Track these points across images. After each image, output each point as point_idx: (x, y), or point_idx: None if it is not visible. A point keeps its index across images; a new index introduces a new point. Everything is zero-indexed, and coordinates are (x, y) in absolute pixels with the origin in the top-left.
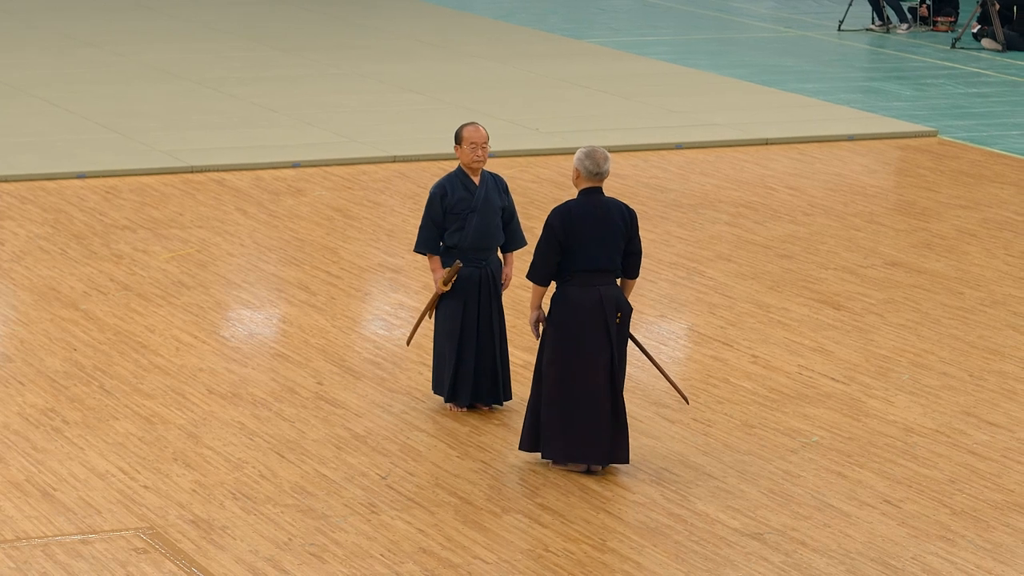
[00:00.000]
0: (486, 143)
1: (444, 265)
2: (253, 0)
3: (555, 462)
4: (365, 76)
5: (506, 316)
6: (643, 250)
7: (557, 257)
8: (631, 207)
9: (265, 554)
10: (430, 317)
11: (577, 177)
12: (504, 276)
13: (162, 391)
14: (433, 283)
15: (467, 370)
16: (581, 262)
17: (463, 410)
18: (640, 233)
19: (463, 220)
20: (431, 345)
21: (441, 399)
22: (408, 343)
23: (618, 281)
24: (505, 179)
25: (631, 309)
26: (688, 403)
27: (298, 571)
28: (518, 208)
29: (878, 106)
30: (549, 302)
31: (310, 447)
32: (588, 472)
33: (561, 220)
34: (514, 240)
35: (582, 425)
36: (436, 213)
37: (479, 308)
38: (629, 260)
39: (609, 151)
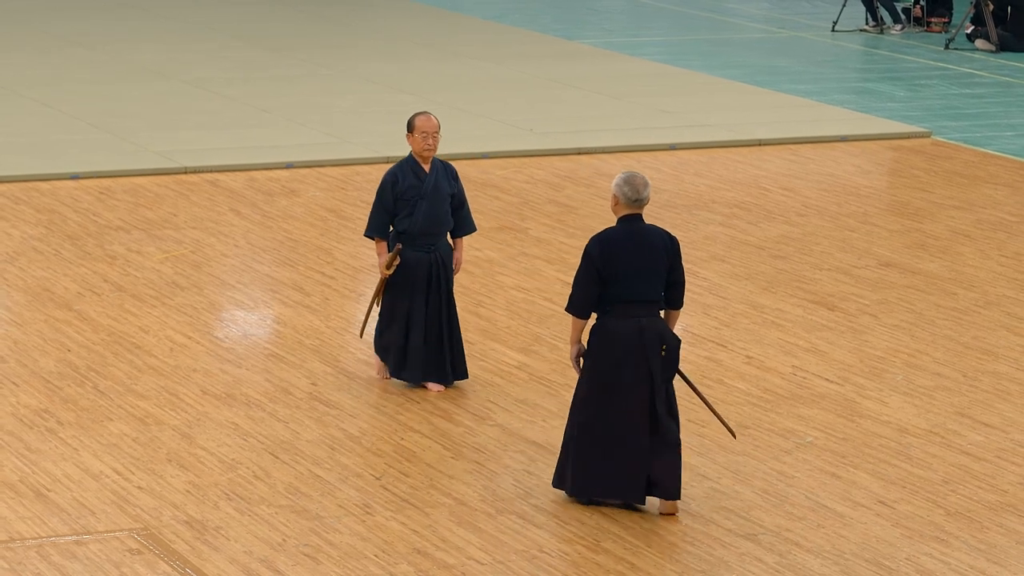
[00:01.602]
0: (437, 132)
1: (391, 249)
2: (246, 0)
3: (587, 498)
4: (358, 77)
5: (456, 300)
6: None
7: (597, 288)
8: (673, 235)
9: (259, 555)
10: (378, 304)
11: (616, 204)
12: (455, 261)
13: (156, 392)
14: (378, 267)
15: (416, 350)
16: (621, 293)
17: (388, 376)
18: None
19: (413, 206)
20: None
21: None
22: (361, 335)
23: (661, 313)
24: (499, 177)
25: (679, 341)
26: (735, 437)
27: (292, 572)
28: (515, 208)
29: (872, 107)
30: (589, 333)
31: (304, 448)
32: (627, 507)
33: (600, 248)
34: (464, 226)
35: (617, 461)
36: (387, 199)
37: (428, 291)
38: (672, 291)
39: (602, 152)
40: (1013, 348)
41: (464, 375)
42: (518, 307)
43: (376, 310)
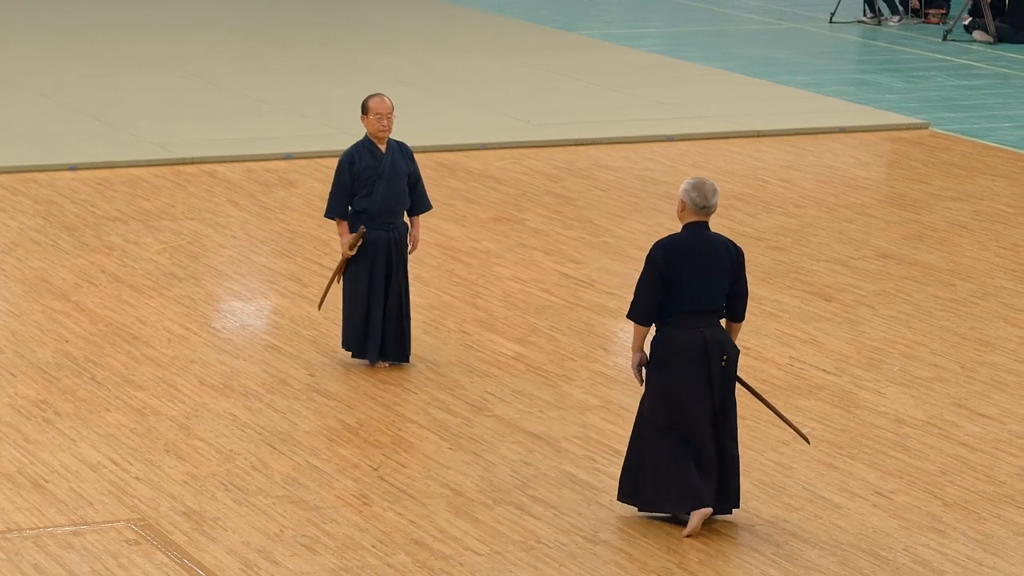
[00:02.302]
0: (391, 113)
1: (351, 230)
2: None
3: (657, 512)
4: (356, 68)
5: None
6: (640, 243)
7: (660, 294)
8: (738, 245)
9: (257, 545)
10: (338, 281)
11: (682, 210)
12: (411, 239)
13: (154, 382)
14: (340, 247)
15: (376, 328)
16: (684, 302)
17: (377, 365)
18: (640, 227)
19: (371, 186)
20: (422, 336)
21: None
22: (320, 307)
23: (722, 323)
24: (497, 168)
25: (738, 352)
26: (809, 443)
27: (290, 562)
28: (513, 200)
29: (870, 98)
30: (650, 344)
31: (302, 438)
32: (675, 520)
33: (664, 253)
34: (420, 204)
35: (684, 474)
36: (345, 180)
37: (387, 269)
38: (734, 302)
39: (600, 143)
40: (1011, 339)
41: (406, 358)
42: (515, 298)
43: (336, 286)
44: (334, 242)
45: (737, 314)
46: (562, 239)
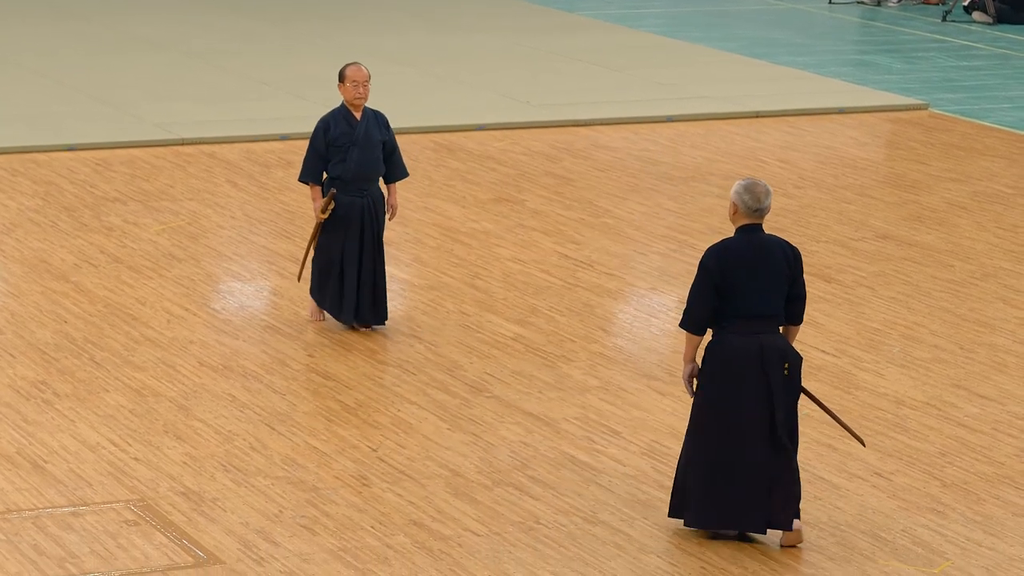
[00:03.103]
0: (367, 81)
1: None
2: None
3: (706, 528)
4: (354, 48)
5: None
6: (638, 223)
7: (713, 302)
8: (795, 246)
9: (256, 526)
10: (314, 248)
11: (734, 213)
12: (389, 205)
13: (153, 363)
14: (313, 211)
15: (351, 293)
16: (740, 308)
17: (322, 319)
18: (639, 208)
19: (345, 153)
20: (421, 317)
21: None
22: (299, 279)
23: (780, 328)
24: (496, 149)
25: (801, 359)
26: (864, 445)
27: (289, 543)
28: (512, 180)
29: (869, 79)
30: (704, 350)
31: (301, 419)
32: (742, 538)
33: (718, 260)
34: (396, 172)
35: (736, 488)
36: (319, 146)
37: (361, 233)
38: (792, 305)
39: (600, 124)
40: (1010, 320)
41: (383, 321)
42: (515, 279)
43: (312, 255)
44: None
45: (796, 317)
46: (561, 220)
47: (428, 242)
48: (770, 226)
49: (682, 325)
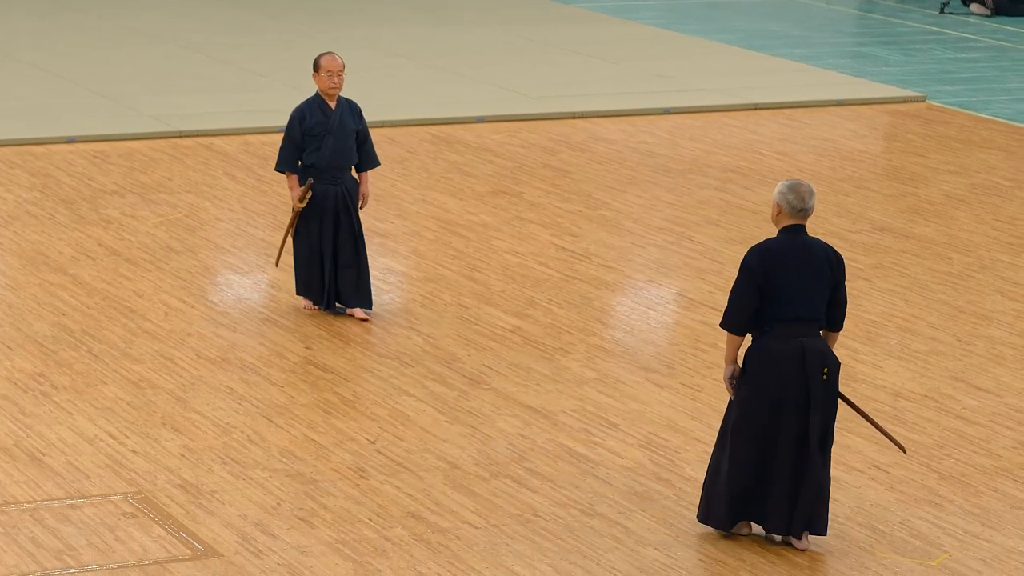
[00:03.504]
0: (342, 71)
1: (302, 183)
2: None
3: (730, 527)
4: (353, 41)
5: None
6: (636, 215)
7: (755, 303)
8: (837, 250)
9: (254, 518)
10: (292, 235)
11: (778, 213)
12: (361, 194)
13: (151, 356)
14: (291, 200)
15: (327, 277)
16: (782, 311)
17: (317, 308)
18: (637, 200)
19: (320, 141)
20: (419, 309)
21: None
22: (277, 264)
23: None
24: (494, 142)
25: (839, 364)
26: (905, 452)
27: (287, 535)
28: (510, 173)
29: (867, 71)
30: (745, 354)
31: (299, 412)
32: (766, 539)
33: (760, 261)
34: (369, 160)
35: (769, 490)
36: (295, 135)
37: (336, 221)
38: (833, 311)
39: (597, 116)
40: (1007, 312)
41: (369, 306)
42: (513, 271)
43: (290, 243)
44: None
45: (836, 323)
46: (559, 212)
47: (426, 234)
48: (767, 218)
49: (723, 325)
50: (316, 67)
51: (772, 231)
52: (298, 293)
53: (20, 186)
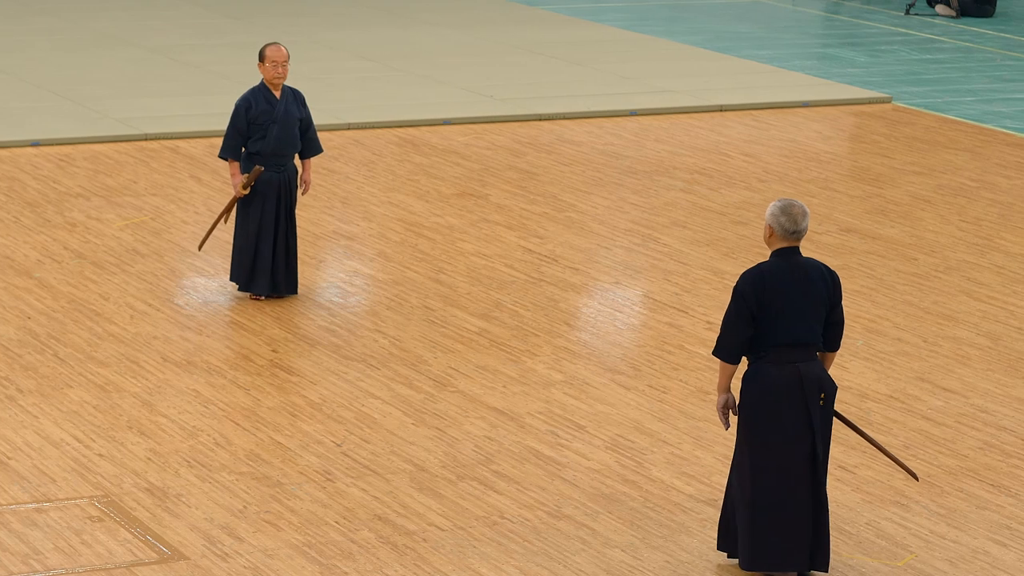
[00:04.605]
0: (286, 62)
1: (243, 171)
2: None
3: (760, 570)
4: (318, 43)
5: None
6: (602, 217)
7: (748, 331)
8: (832, 269)
9: (220, 522)
10: (225, 221)
11: (770, 235)
12: (303, 180)
13: (116, 359)
14: (232, 187)
15: (265, 263)
16: (777, 336)
17: (261, 298)
18: (603, 202)
19: (265, 130)
20: (385, 312)
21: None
22: (200, 248)
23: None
24: (460, 144)
25: (836, 388)
26: (918, 479)
27: (253, 539)
28: (476, 175)
29: (832, 72)
30: (741, 381)
31: (265, 415)
32: None
33: (754, 287)
34: (311, 147)
35: (780, 529)
36: (241, 124)
37: (277, 207)
38: (830, 331)
39: (563, 118)
40: (973, 313)
41: (295, 291)
42: (479, 273)
43: (218, 227)
44: (297, 218)
45: (833, 343)
46: (525, 214)
47: (392, 237)
48: (733, 220)
49: (715, 353)
50: (261, 57)
51: (737, 232)
52: (232, 279)
53: None
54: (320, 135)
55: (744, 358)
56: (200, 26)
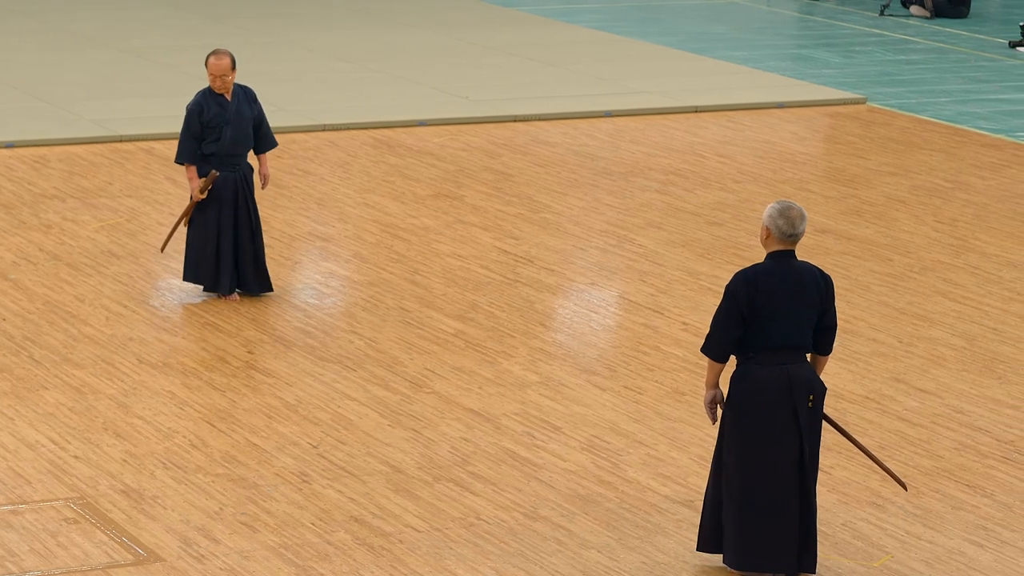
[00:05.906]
0: (225, 75)
1: (200, 174)
2: None
3: (743, 571)
4: (293, 44)
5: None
6: (577, 218)
7: (738, 331)
8: (827, 273)
9: (196, 523)
10: (186, 224)
11: (767, 237)
12: (262, 175)
13: (92, 361)
14: (190, 190)
15: (227, 262)
16: (768, 338)
17: (237, 298)
18: (578, 203)
19: (219, 131)
20: (361, 313)
21: (196, 289)
22: (162, 250)
23: (807, 357)
24: (435, 145)
25: (825, 390)
26: (906, 489)
27: (229, 540)
28: (451, 176)
29: (807, 73)
30: (729, 381)
31: (241, 416)
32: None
33: (746, 288)
34: (266, 142)
35: (768, 529)
36: (194, 128)
37: (235, 206)
38: (822, 335)
39: (538, 119)
40: (948, 314)
41: (269, 288)
42: (454, 274)
43: (179, 230)
44: (272, 219)
45: (825, 347)
46: (501, 215)
47: (367, 238)
48: (708, 221)
49: (703, 350)
50: (206, 65)
51: (712, 233)
52: (186, 279)
53: None
54: (295, 136)
55: (733, 357)
56: (175, 27)
